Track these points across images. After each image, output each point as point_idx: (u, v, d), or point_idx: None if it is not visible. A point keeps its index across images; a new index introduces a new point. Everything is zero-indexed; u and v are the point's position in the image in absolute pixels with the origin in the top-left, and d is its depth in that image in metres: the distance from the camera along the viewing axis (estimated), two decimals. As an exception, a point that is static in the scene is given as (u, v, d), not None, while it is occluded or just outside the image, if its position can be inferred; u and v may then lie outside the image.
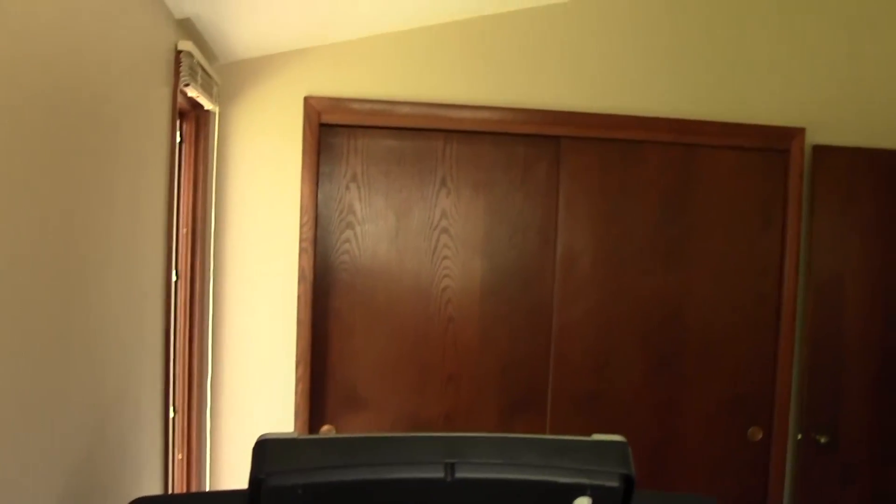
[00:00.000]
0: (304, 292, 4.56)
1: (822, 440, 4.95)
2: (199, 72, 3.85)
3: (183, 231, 4.27)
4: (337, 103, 4.57)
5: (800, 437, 4.97)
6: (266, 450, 1.88)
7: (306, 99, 4.54)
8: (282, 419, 4.61)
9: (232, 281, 4.58)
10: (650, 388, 4.95)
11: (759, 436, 5.03)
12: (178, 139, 3.99)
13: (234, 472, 4.60)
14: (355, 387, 4.69)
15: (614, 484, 1.94)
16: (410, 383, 4.74)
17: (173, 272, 3.81)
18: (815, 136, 5.04)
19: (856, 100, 5.12)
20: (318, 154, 4.58)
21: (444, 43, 4.68)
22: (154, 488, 3.61)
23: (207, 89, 4.05)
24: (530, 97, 4.74)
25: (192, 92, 3.80)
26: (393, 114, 4.60)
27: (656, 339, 4.94)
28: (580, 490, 1.93)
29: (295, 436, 1.91)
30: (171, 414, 3.99)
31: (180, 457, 4.32)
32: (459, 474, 1.90)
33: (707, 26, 4.95)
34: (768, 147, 4.97)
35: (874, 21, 5.17)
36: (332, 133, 4.61)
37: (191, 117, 4.30)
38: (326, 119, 4.57)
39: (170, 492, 3.87)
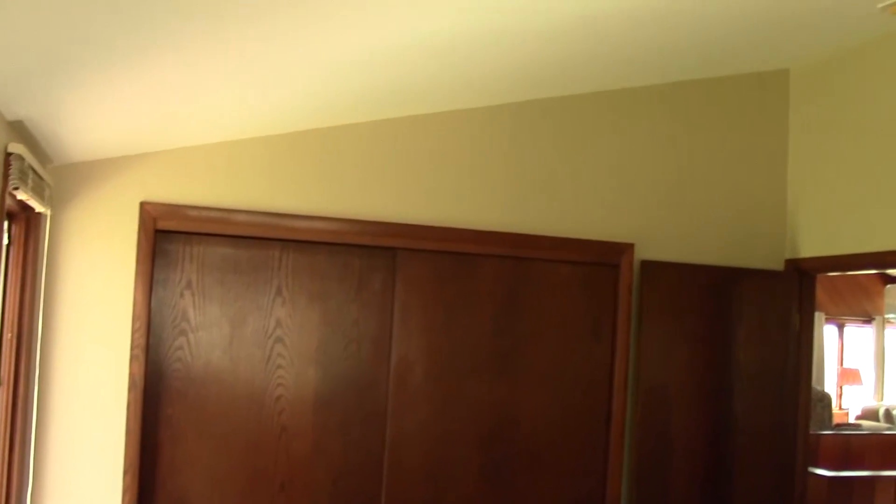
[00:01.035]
0: (133, 400, 4.46)
1: (650, 549, 5.05)
2: (31, 174, 3.79)
3: (7, 336, 4.15)
4: (173, 209, 4.55)
5: (628, 545, 5.07)
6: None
7: (142, 204, 4.51)
8: (106, 532, 4.47)
9: (59, 387, 4.45)
10: (484, 496, 4.98)
11: (590, 545, 5.10)
12: (5, 241, 3.90)
13: (53, 587, 4.43)
14: (186, 496, 4.59)
15: None
16: (242, 492, 4.66)
17: (-6, 379, 3.69)
18: (643, 252, 5.24)
19: (681, 219, 5.38)
20: (153, 260, 4.53)
21: (282, 153, 4.72)
22: None
23: (39, 192, 3.99)
24: (367, 208, 4.81)
25: (21, 195, 3.73)
26: (230, 221, 4.61)
27: (490, 447, 5.00)
28: None
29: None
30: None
31: (-5, 573, 4.13)
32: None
33: (543, 145, 5.13)
34: (600, 261, 5.15)
35: (698, 147, 5.45)
36: (167, 239, 4.58)
37: (20, 219, 4.22)
38: (162, 225, 4.53)
39: None
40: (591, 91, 5.22)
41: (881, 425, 13.09)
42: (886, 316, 12.02)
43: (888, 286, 11.10)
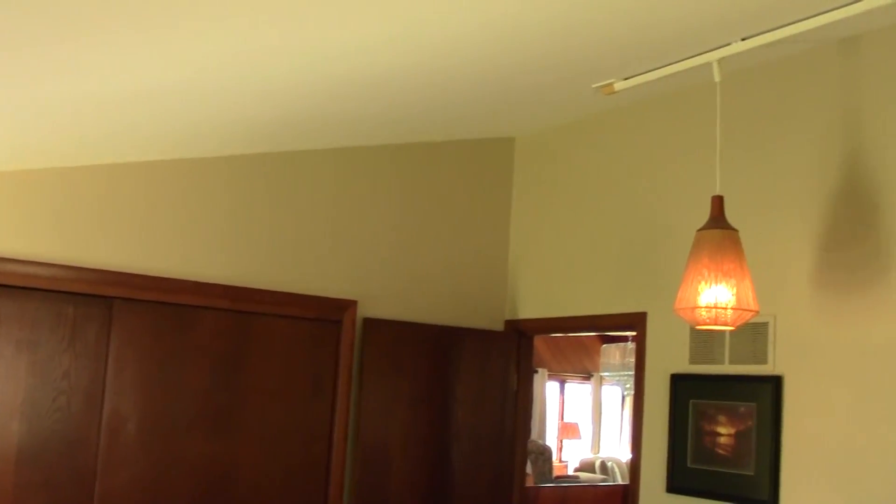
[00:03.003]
0: None
1: None
2: None
3: None
4: None
5: None
6: None
7: None
8: None
9: None
10: (199, 556, 4.87)
11: None
12: None
13: None
14: None
15: None
16: (-69, 558, 4.36)
17: None
18: (366, 310, 5.30)
19: (405, 277, 5.49)
20: None
21: (-6, 193, 4.50)
22: None
23: None
24: (83, 255, 4.62)
25: None
26: (-69, 263, 4.34)
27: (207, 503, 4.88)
28: None
29: None
30: None
31: None
32: None
33: (266, 198, 5.12)
34: (322, 317, 5.16)
35: (424, 208, 5.59)
36: None
37: None
38: None
39: None
40: (316, 148, 5.25)
41: (597, 476, 13.71)
42: (602, 373, 12.69)
43: (604, 345, 11.71)
